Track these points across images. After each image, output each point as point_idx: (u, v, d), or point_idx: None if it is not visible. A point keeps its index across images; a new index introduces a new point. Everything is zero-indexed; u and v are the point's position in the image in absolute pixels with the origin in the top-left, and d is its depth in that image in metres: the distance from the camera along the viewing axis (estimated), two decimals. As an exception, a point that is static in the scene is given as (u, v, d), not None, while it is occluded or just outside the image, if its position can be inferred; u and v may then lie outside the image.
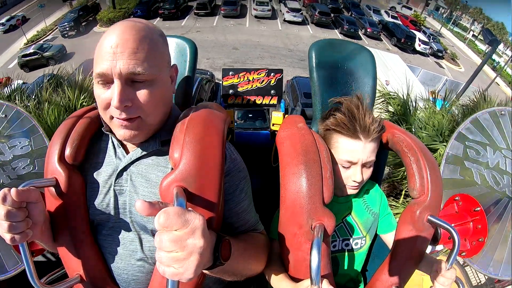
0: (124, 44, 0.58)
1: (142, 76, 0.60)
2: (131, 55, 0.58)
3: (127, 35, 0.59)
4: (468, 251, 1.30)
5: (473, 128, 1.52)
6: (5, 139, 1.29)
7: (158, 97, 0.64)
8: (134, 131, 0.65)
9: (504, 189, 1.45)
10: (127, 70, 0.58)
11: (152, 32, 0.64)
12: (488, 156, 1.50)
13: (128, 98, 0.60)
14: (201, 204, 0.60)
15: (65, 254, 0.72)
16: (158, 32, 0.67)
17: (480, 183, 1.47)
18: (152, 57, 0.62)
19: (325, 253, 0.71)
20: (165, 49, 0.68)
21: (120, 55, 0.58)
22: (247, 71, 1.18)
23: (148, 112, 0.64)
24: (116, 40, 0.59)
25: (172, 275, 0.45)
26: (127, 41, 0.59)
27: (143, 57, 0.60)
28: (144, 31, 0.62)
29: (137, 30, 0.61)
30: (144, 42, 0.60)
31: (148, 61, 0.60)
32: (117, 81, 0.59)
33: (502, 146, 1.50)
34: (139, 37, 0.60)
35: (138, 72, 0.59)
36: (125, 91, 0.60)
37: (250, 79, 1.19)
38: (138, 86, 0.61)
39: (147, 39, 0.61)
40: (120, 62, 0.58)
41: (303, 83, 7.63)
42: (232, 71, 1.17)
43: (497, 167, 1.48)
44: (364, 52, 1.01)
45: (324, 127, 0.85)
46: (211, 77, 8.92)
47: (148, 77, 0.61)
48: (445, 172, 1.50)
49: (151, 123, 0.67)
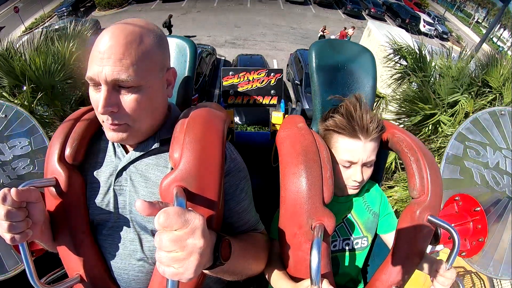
0: (110, 49, 0.58)
1: (127, 83, 0.59)
2: (117, 61, 0.58)
3: (114, 40, 0.58)
4: (468, 251, 1.30)
5: (473, 128, 1.52)
6: (5, 139, 1.29)
7: (145, 104, 0.63)
8: (122, 135, 0.65)
9: (504, 189, 1.45)
10: (111, 77, 0.58)
11: (144, 35, 0.62)
12: (488, 156, 1.50)
13: (112, 104, 0.60)
14: (201, 204, 0.60)
15: (65, 254, 0.72)
16: (153, 34, 0.64)
17: (480, 183, 1.47)
18: (140, 63, 0.60)
19: (325, 253, 0.71)
20: (158, 53, 0.65)
21: (107, 61, 0.58)
22: (247, 71, 1.18)
23: (135, 119, 0.63)
24: (105, 45, 0.58)
25: (172, 275, 0.45)
26: (114, 46, 0.58)
27: (128, 64, 0.58)
28: (134, 35, 0.60)
29: (126, 35, 0.59)
30: (131, 48, 0.59)
31: (135, 68, 0.59)
32: (103, 87, 0.59)
33: (502, 146, 1.50)
34: (127, 42, 0.58)
35: (123, 80, 0.58)
36: (110, 97, 0.60)
37: (250, 79, 1.19)
38: (124, 92, 0.61)
39: (134, 44, 0.59)
40: (106, 68, 0.58)
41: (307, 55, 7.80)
42: (232, 71, 1.17)
43: (497, 167, 1.48)
44: (365, 53, 1.01)
45: (324, 128, 0.86)
46: (212, 50, 8.90)
47: (134, 84, 0.60)
48: (445, 172, 1.50)
49: (139, 129, 0.66)
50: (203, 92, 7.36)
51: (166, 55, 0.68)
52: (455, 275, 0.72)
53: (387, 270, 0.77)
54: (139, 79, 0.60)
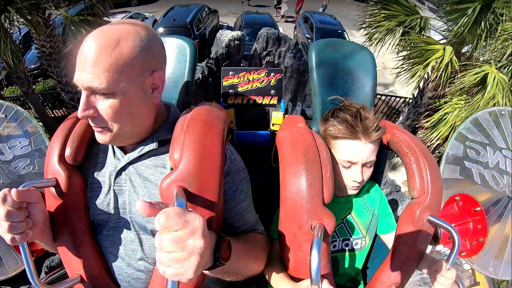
0: (85, 56, 0.58)
1: (100, 90, 0.59)
2: (90, 68, 0.57)
3: (91, 46, 0.57)
4: (468, 251, 1.30)
5: (473, 128, 1.52)
6: (5, 139, 1.29)
7: (121, 109, 0.62)
8: (105, 137, 0.65)
9: (504, 189, 1.45)
10: (86, 84, 0.58)
11: (123, 39, 0.59)
12: (488, 156, 1.50)
13: (90, 109, 0.61)
14: (201, 205, 0.60)
15: (65, 254, 0.73)
16: (135, 37, 0.61)
17: (480, 183, 1.47)
18: (112, 69, 0.58)
19: (325, 253, 0.71)
20: (138, 56, 0.61)
21: (83, 67, 0.58)
22: (247, 71, 1.18)
23: (112, 123, 0.63)
24: (83, 50, 0.58)
25: (172, 276, 0.45)
26: (89, 53, 0.57)
27: (100, 71, 0.57)
28: (110, 40, 0.58)
29: (101, 40, 0.58)
30: (104, 54, 0.57)
31: (106, 75, 0.57)
32: (83, 92, 0.60)
33: (502, 146, 1.50)
34: (101, 48, 0.57)
35: (95, 87, 0.58)
36: (88, 103, 0.60)
37: (250, 79, 1.18)
38: (99, 98, 0.61)
39: (108, 50, 0.57)
40: (83, 75, 0.58)
41: (317, 17, 8.38)
42: (232, 71, 1.17)
43: (497, 167, 1.48)
44: (364, 52, 1.01)
45: (324, 130, 0.86)
46: (214, 10, 8.91)
47: (107, 91, 0.59)
48: (445, 172, 1.50)
49: (121, 133, 0.65)
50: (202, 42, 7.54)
51: (150, 58, 0.63)
52: (455, 275, 0.72)
53: (387, 270, 0.77)
54: (111, 86, 0.59)
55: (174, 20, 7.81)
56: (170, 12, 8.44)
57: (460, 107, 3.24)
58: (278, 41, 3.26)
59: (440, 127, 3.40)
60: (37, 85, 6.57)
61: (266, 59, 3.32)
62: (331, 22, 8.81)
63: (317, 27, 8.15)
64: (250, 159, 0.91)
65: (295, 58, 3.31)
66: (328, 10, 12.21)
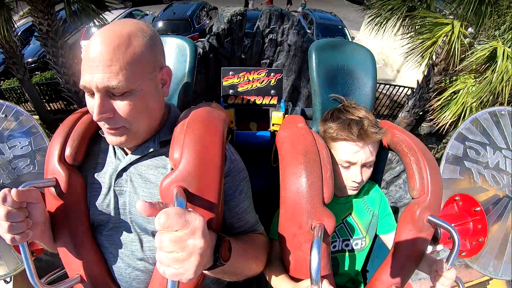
0: (98, 57, 0.57)
1: (119, 89, 0.58)
2: (105, 68, 0.57)
3: (102, 46, 0.57)
4: (468, 251, 1.30)
5: (473, 128, 1.52)
6: (5, 139, 1.29)
7: (139, 106, 0.62)
8: (120, 138, 0.65)
9: (504, 189, 1.45)
10: (102, 84, 0.57)
11: (133, 37, 0.60)
12: (488, 156, 1.50)
13: (107, 110, 0.60)
14: (201, 205, 0.60)
15: (65, 255, 0.73)
16: (142, 35, 0.62)
17: (480, 183, 1.47)
18: (129, 67, 0.58)
19: (325, 253, 0.71)
20: (149, 53, 0.62)
21: (96, 68, 0.57)
22: (247, 71, 1.18)
23: (131, 122, 0.63)
24: (93, 51, 0.57)
25: (172, 276, 0.45)
26: (102, 53, 0.57)
27: (117, 69, 0.57)
28: (122, 38, 0.58)
29: (113, 39, 0.58)
30: (119, 53, 0.57)
31: (124, 73, 0.58)
32: (96, 94, 0.59)
33: (502, 146, 1.50)
34: (114, 47, 0.57)
35: (113, 86, 0.57)
36: (104, 104, 0.59)
37: (250, 79, 1.18)
38: (117, 98, 0.60)
39: (122, 48, 0.58)
40: (96, 76, 0.57)
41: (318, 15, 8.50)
42: (232, 71, 1.17)
43: (497, 167, 1.48)
44: (364, 52, 1.01)
45: (324, 130, 0.86)
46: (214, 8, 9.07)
47: (125, 89, 0.59)
48: (445, 172, 1.50)
49: (137, 130, 0.66)
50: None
51: (158, 54, 0.66)
52: (455, 275, 0.72)
53: (387, 271, 0.77)
54: (129, 83, 0.59)
55: (174, 14, 7.91)
56: (170, 8, 8.59)
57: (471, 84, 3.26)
58: (281, 18, 3.20)
59: (452, 106, 3.44)
60: (35, 77, 6.60)
61: (269, 37, 3.24)
62: (331, 18, 8.91)
63: (317, 22, 8.37)
64: (250, 159, 0.91)
65: (298, 35, 3.17)
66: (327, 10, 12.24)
